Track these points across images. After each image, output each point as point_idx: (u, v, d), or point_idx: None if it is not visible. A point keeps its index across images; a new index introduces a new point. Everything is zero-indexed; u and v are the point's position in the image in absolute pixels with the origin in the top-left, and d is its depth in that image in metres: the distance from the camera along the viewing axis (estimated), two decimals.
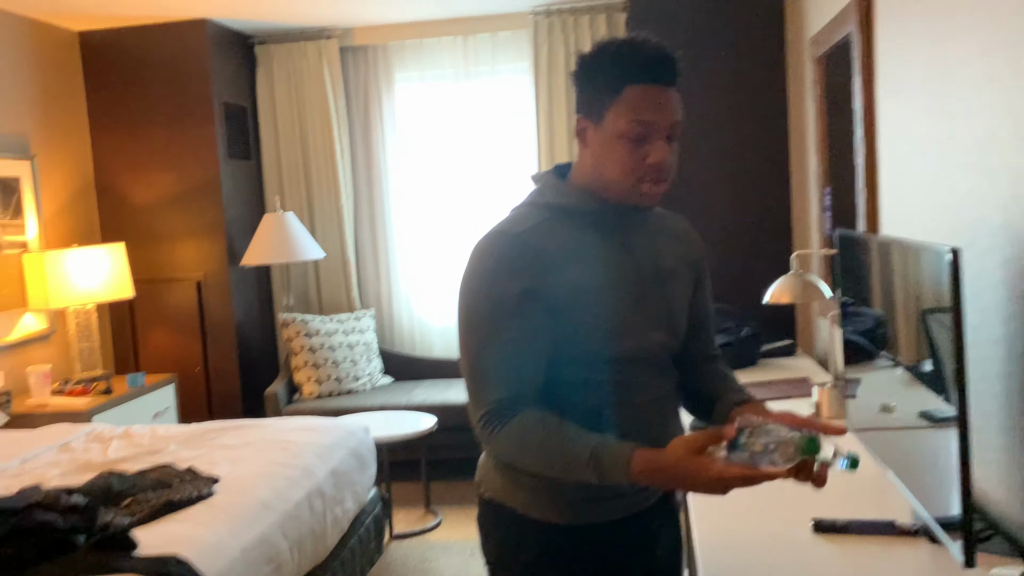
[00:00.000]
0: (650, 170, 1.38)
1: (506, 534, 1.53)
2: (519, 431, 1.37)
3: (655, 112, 1.36)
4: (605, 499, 1.48)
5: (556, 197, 1.46)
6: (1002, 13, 1.66)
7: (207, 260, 4.76)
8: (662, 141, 1.38)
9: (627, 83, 1.36)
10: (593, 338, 1.41)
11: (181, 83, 4.67)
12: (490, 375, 1.38)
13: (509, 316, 1.36)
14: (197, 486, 2.44)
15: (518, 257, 1.37)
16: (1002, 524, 1.76)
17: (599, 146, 1.41)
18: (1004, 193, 1.68)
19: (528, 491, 1.48)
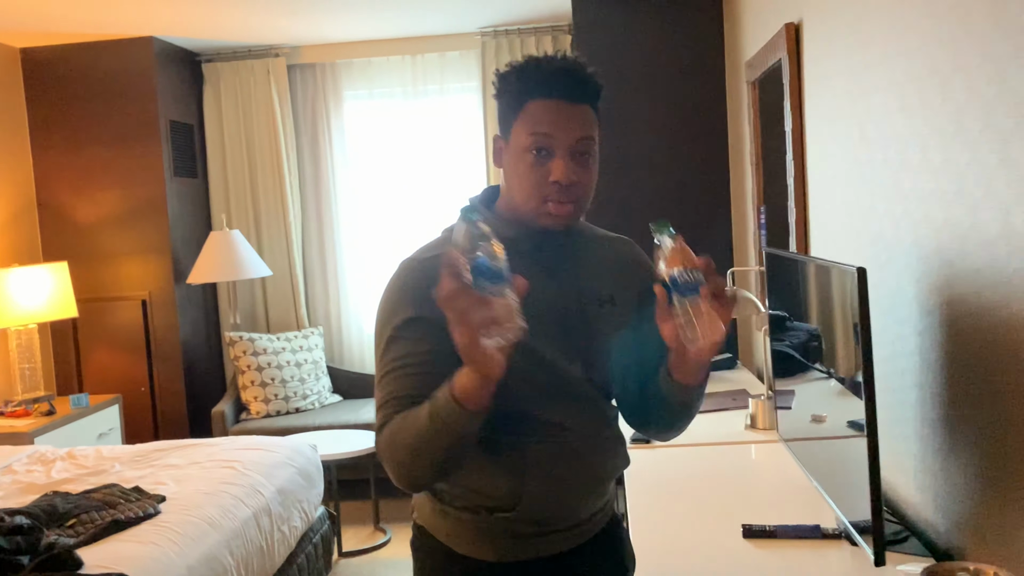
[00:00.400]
0: (553, 189, 1.32)
1: (432, 563, 1.47)
2: (387, 434, 1.29)
3: (555, 126, 1.31)
4: (532, 536, 1.42)
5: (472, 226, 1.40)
6: (912, 47, 1.77)
7: (153, 278, 4.73)
8: (566, 158, 1.32)
9: (529, 98, 1.33)
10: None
11: (126, 100, 4.65)
12: (382, 399, 1.33)
13: (395, 343, 1.32)
14: (143, 505, 2.44)
15: (413, 285, 1.34)
16: (917, 526, 1.87)
17: (508, 165, 1.37)
18: (915, 215, 1.80)
19: (453, 522, 1.43)
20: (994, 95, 1.41)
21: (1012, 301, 1.38)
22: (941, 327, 1.69)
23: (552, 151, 1.32)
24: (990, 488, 1.51)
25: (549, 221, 1.35)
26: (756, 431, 2.72)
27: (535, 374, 1.36)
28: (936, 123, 1.66)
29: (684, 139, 4.32)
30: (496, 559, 1.41)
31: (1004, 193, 1.39)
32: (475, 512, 1.40)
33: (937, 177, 1.66)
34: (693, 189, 4.32)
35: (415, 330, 1.32)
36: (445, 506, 1.43)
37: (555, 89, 1.32)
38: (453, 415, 1.19)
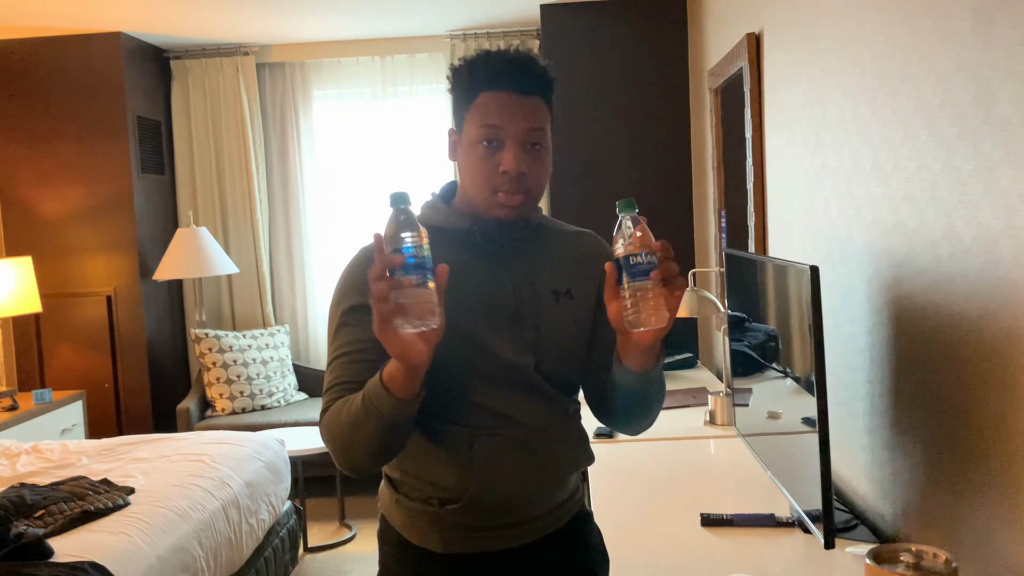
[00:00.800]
0: (503, 179, 1.33)
1: (389, 552, 1.49)
2: (328, 417, 1.32)
3: (504, 118, 1.32)
4: (482, 529, 1.41)
5: (430, 214, 1.45)
6: (864, 59, 1.87)
7: (118, 275, 4.71)
8: (515, 149, 1.32)
9: (480, 90, 1.34)
10: (453, 359, 1.32)
11: (93, 96, 4.63)
12: (329, 383, 1.36)
13: (342, 329, 1.35)
14: (112, 497, 2.46)
15: (360, 272, 1.34)
16: (865, 514, 1.96)
17: (461, 157, 1.38)
18: (866, 217, 1.89)
19: (406, 512, 1.43)
20: (938, 105, 1.50)
21: (954, 299, 1.48)
22: (889, 324, 1.78)
23: (502, 142, 1.33)
24: (933, 477, 1.60)
25: (501, 212, 1.36)
26: (715, 427, 2.81)
27: (484, 365, 1.36)
28: (886, 131, 1.75)
29: (648, 144, 4.42)
30: (444, 551, 1.41)
31: (947, 197, 1.48)
32: (427, 503, 1.40)
33: (887, 182, 1.75)
34: (656, 193, 4.41)
35: (361, 317, 1.32)
36: (400, 496, 1.44)
37: (505, 81, 1.33)
38: (382, 400, 1.21)
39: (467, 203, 1.42)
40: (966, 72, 1.40)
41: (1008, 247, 1.29)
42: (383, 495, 1.52)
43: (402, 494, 1.44)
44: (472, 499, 1.38)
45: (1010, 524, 1.33)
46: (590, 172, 4.42)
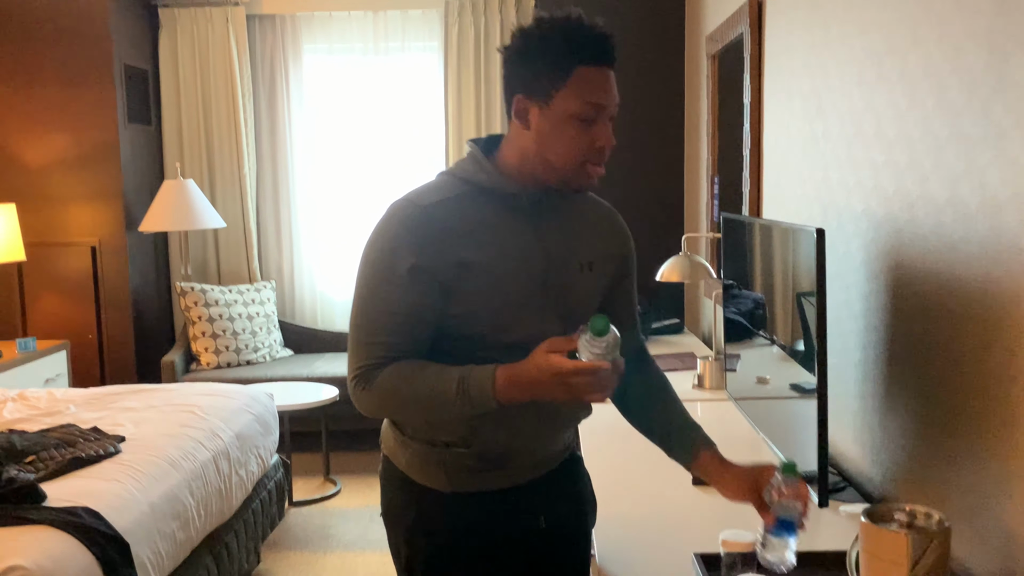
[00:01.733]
0: (596, 152, 1.37)
1: (393, 492, 1.55)
2: (387, 381, 1.35)
3: (605, 95, 1.35)
4: (486, 470, 1.47)
5: (475, 172, 1.42)
6: (871, 25, 1.87)
7: (103, 225, 4.66)
8: (608, 124, 1.38)
9: (578, 63, 1.33)
10: (485, 321, 1.38)
11: (80, 42, 4.54)
12: (367, 339, 1.37)
13: (395, 287, 1.35)
14: (103, 444, 2.46)
15: (419, 228, 1.35)
16: (854, 477, 2.00)
17: (546, 129, 1.36)
18: (867, 184, 1.90)
19: (411, 453, 1.48)
20: (948, 72, 1.50)
21: (955, 266, 1.50)
22: (887, 291, 1.80)
23: (598, 117, 1.36)
24: (926, 441, 1.64)
25: (586, 181, 1.39)
26: (703, 390, 2.84)
27: (508, 324, 1.40)
28: (891, 98, 1.76)
29: (642, 108, 4.41)
30: (450, 489, 1.47)
31: (954, 164, 1.49)
32: (432, 444, 1.46)
33: (891, 149, 1.76)
34: (649, 157, 4.41)
35: (417, 279, 1.34)
36: (406, 438, 1.49)
37: (602, 56, 1.36)
38: (484, 400, 1.32)
39: (523, 167, 1.41)
40: (979, 39, 1.40)
41: (1014, 213, 1.31)
42: (386, 436, 1.56)
43: (407, 436, 1.49)
44: (478, 445, 1.44)
45: (1002, 487, 1.36)
46: None
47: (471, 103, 4.91)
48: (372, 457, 4.71)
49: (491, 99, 4.92)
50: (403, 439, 1.50)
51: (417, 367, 1.36)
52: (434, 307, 1.36)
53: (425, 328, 1.38)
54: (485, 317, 1.38)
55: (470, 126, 4.93)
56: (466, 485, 1.47)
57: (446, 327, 1.39)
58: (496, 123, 4.92)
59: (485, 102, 4.91)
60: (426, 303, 1.35)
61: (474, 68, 4.89)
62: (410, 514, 1.51)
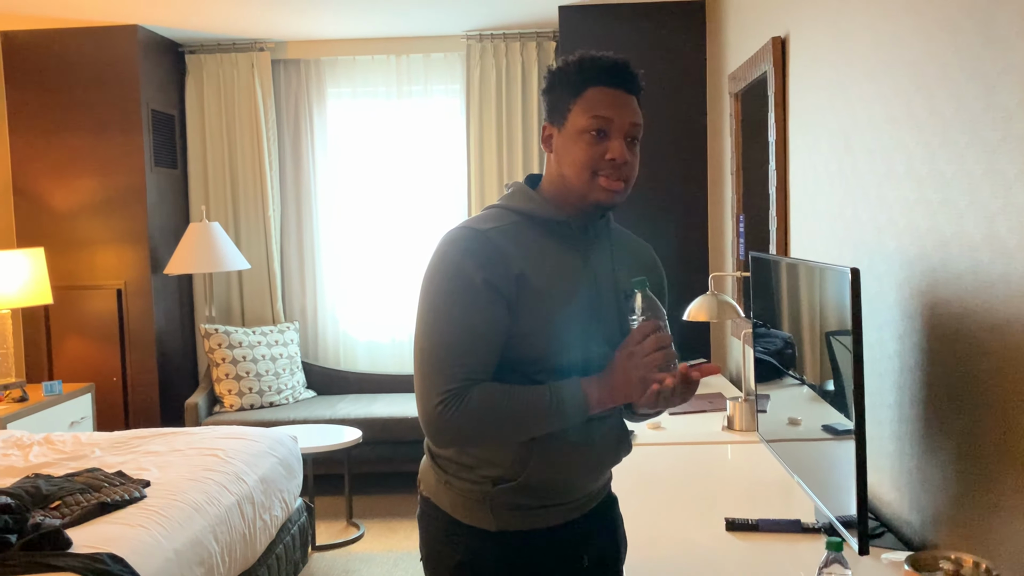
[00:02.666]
0: (607, 165, 1.42)
1: (436, 534, 1.54)
2: (480, 402, 1.37)
3: (613, 110, 1.42)
4: (532, 508, 1.49)
5: (525, 203, 1.49)
6: (899, 63, 1.85)
7: (129, 268, 4.70)
8: (620, 139, 1.43)
9: (589, 85, 1.44)
10: (540, 343, 1.43)
11: (108, 88, 4.63)
12: (451, 362, 1.37)
13: (472, 304, 1.37)
14: (128, 489, 2.45)
15: (482, 250, 1.39)
16: (892, 523, 1.95)
17: (562, 147, 1.46)
18: (899, 223, 1.88)
19: (456, 493, 1.50)
20: (981, 109, 1.49)
21: (995, 305, 1.46)
22: (922, 331, 1.76)
23: (608, 133, 1.43)
24: (967, 486, 1.59)
25: (602, 195, 1.44)
26: (733, 432, 2.79)
27: (562, 347, 1.45)
28: (922, 136, 1.74)
29: (665, 148, 4.41)
30: (496, 528, 1.48)
31: (989, 202, 1.47)
32: (478, 483, 1.48)
33: (922, 187, 1.74)
34: (673, 196, 4.40)
35: (489, 294, 1.39)
36: (449, 477, 1.51)
37: (613, 78, 1.45)
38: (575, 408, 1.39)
39: (558, 194, 1.49)
40: (1013, 76, 1.38)
41: None
42: (427, 477, 1.57)
43: (450, 475, 1.51)
44: (527, 479, 1.46)
45: None
46: None
47: (493, 145, 4.94)
48: (395, 500, 4.69)
49: (512, 141, 4.95)
50: (447, 479, 1.51)
51: (504, 387, 1.40)
52: (505, 324, 1.40)
53: (497, 349, 1.41)
54: (542, 339, 1.43)
55: (492, 168, 4.96)
56: (512, 524, 1.49)
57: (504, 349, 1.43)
58: (518, 164, 4.94)
59: (507, 144, 4.94)
60: (499, 319, 1.39)
61: (496, 110, 4.93)
62: (456, 555, 1.51)
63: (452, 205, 5.08)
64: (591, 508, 1.59)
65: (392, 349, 5.22)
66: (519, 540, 1.50)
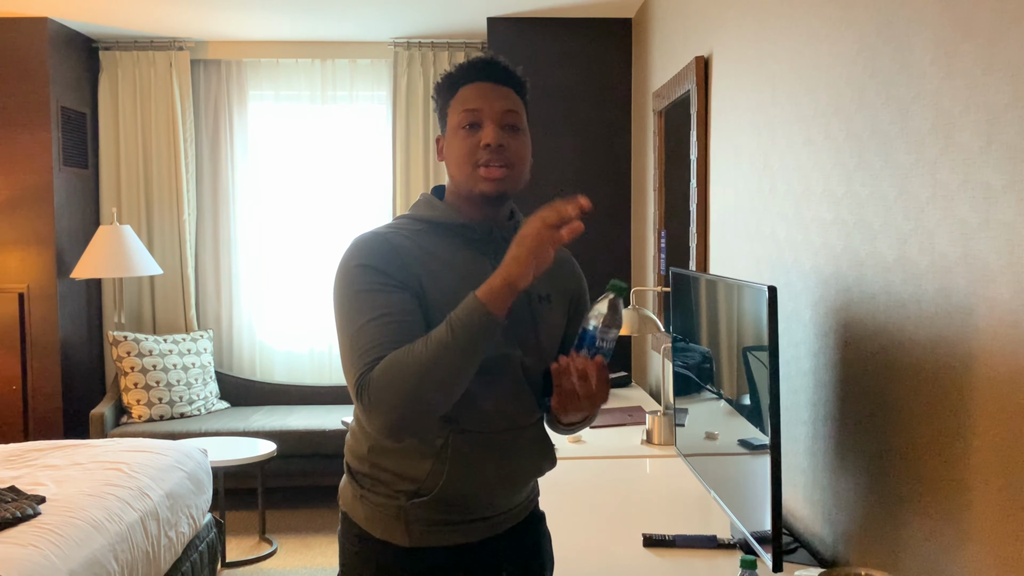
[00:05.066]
0: (485, 153, 1.44)
1: (352, 549, 1.51)
2: (386, 366, 1.32)
3: (482, 100, 1.45)
4: (447, 523, 1.46)
5: (428, 211, 1.50)
6: (818, 86, 1.89)
7: (33, 271, 4.48)
8: (492, 125, 1.44)
9: (460, 85, 1.49)
10: None
11: (14, 83, 4.41)
12: (362, 350, 1.35)
13: (377, 293, 1.37)
14: (20, 506, 2.31)
15: (380, 249, 1.41)
16: (805, 538, 1.97)
17: (446, 148, 1.50)
18: (815, 242, 1.91)
19: (371, 508, 1.47)
20: (896, 133, 1.52)
21: (906, 325, 1.49)
22: (836, 349, 1.79)
23: (481, 123, 1.45)
24: (878, 502, 1.61)
25: (484, 186, 1.44)
26: (652, 446, 2.80)
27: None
28: (839, 157, 1.77)
29: (589, 161, 4.43)
30: (410, 544, 1.45)
31: (902, 224, 1.50)
32: (392, 497, 1.45)
33: (838, 207, 1.77)
34: (597, 210, 4.43)
35: (394, 285, 1.38)
36: (364, 491, 1.48)
37: (480, 73, 1.48)
38: (477, 318, 1.30)
39: (457, 199, 1.51)
40: (926, 101, 1.42)
41: (964, 275, 1.31)
42: (344, 492, 1.55)
43: (366, 489, 1.48)
44: (442, 493, 1.43)
45: (955, 550, 1.34)
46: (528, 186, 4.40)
47: (419, 153, 4.90)
48: (310, 515, 4.57)
49: None
50: (362, 493, 1.48)
51: (406, 347, 1.33)
52: (413, 308, 1.38)
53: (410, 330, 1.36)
54: None
55: (418, 176, 4.91)
56: (427, 540, 1.46)
57: None
58: (444, 172, 4.90)
59: (433, 153, 4.90)
60: (405, 302, 1.38)
61: (422, 119, 4.89)
62: (368, 570, 1.48)
63: (375, 214, 5.01)
64: (513, 525, 1.55)
65: (311, 360, 5.10)
66: (435, 557, 1.46)
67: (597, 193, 4.43)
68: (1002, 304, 1.22)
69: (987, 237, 1.25)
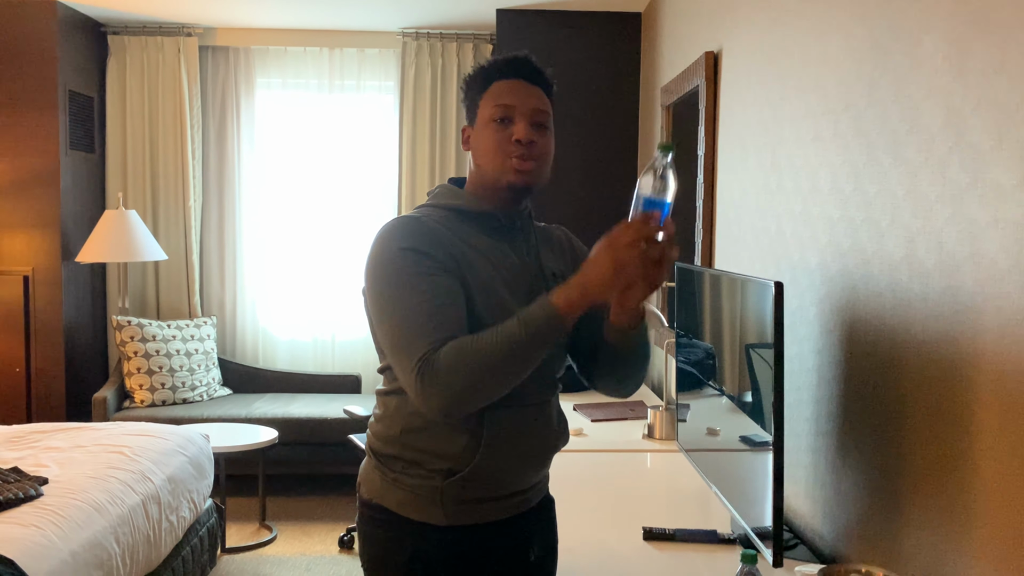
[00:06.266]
0: (516, 147, 1.49)
1: (382, 535, 1.54)
2: (452, 351, 1.35)
3: (515, 97, 1.51)
4: (480, 501, 1.52)
5: (452, 199, 1.56)
6: (828, 83, 1.89)
7: (38, 254, 4.49)
8: (524, 122, 1.50)
9: (493, 80, 1.54)
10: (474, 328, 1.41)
11: (23, 66, 4.41)
12: (419, 327, 1.37)
13: (423, 276, 1.41)
14: (23, 487, 2.32)
15: (419, 230, 1.46)
16: (805, 534, 1.97)
17: (475, 140, 1.55)
18: (821, 239, 1.91)
19: (405, 491, 1.50)
20: (906, 131, 1.51)
21: (912, 324, 1.49)
22: (841, 346, 1.79)
23: (513, 119, 1.50)
24: (879, 499, 1.61)
25: (514, 177, 1.50)
26: (653, 441, 2.80)
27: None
28: (847, 154, 1.77)
29: (599, 154, 4.43)
30: (447, 523, 1.50)
31: (910, 222, 1.49)
32: (428, 478, 1.49)
33: (846, 205, 1.77)
34: (602, 204, 4.43)
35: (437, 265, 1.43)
36: (397, 474, 1.52)
37: (515, 70, 1.54)
38: (550, 322, 1.35)
39: (480, 188, 1.56)
40: (937, 99, 1.41)
41: (971, 274, 1.30)
42: (370, 479, 1.57)
43: (398, 472, 1.52)
44: (475, 470, 1.48)
45: (958, 548, 1.34)
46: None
47: (426, 143, 4.89)
48: (310, 503, 4.58)
49: (446, 140, 4.91)
50: (394, 476, 1.51)
51: (474, 336, 1.37)
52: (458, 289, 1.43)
53: (461, 310, 1.41)
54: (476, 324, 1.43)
55: (424, 166, 4.90)
56: (462, 518, 1.51)
57: None
58: (450, 163, 4.90)
59: (440, 143, 4.90)
60: (451, 284, 1.42)
61: (429, 109, 4.88)
62: (405, 552, 1.51)
63: (382, 203, 5.01)
64: (534, 504, 1.63)
65: (314, 348, 5.11)
66: (470, 533, 1.53)
67: (604, 186, 4.43)
68: (1010, 303, 1.21)
69: (996, 236, 1.24)
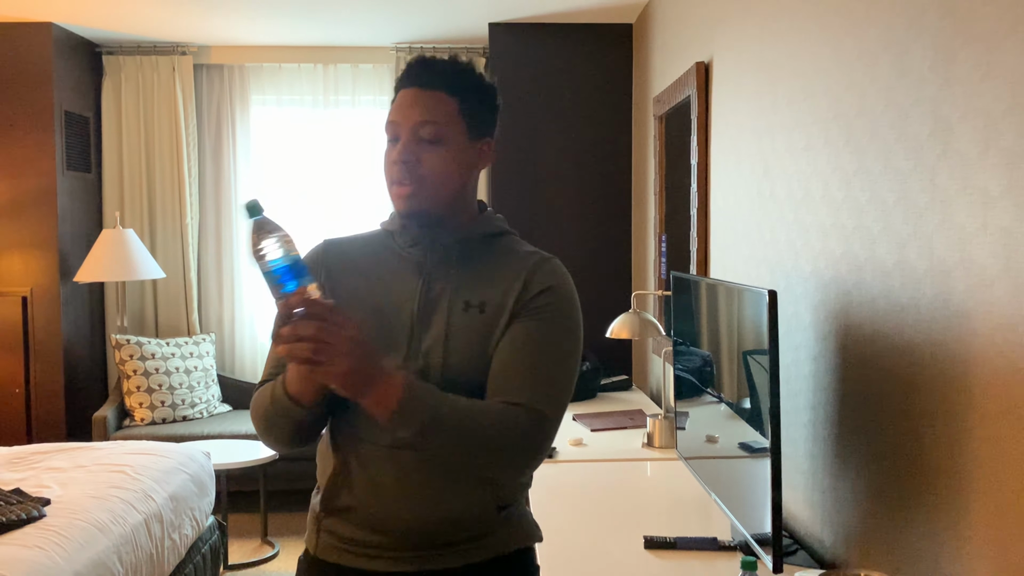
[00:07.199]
0: (396, 170, 1.33)
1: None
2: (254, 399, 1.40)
3: (399, 112, 1.34)
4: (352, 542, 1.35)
5: (385, 221, 1.47)
6: (817, 92, 1.91)
7: (36, 274, 4.50)
8: (405, 139, 1.32)
9: (396, 93, 1.39)
10: None
11: (19, 87, 4.43)
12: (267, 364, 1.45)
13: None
14: (25, 508, 2.32)
15: (310, 257, 1.44)
16: (805, 540, 1.98)
17: None
18: (815, 247, 1.92)
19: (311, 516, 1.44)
20: (895, 139, 1.54)
21: (904, 329, 1.51)
22: (836, 352, 1.81)
23: (398, 136, 1.34)
24: (878, 504, 1.63)
25: (399, 204, 1.35)
26: (653, 449, 2.81)
27: None
28: (839, 162, 1.79)
29: (590, 166, 4.45)
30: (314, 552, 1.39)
31: (901, 229, 1.51)
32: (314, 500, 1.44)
33: (838, 212, 1.79)
34: (598, 214, 4.45)
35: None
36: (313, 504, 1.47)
37: (408, 79, 1.36)
38: (283, 401, 1.31)
39: None
40: (924, 107, 1.43)
41: (962, 279, 1.32)
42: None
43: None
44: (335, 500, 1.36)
45: (956, 553, 1.36)
46: (531, 192, 4.42)
47: None
48: None
49: None
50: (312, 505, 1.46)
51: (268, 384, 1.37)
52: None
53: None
54: None
55: None
56: (328, 553, 1.37)
57: None
58: None
59: None
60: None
61: None
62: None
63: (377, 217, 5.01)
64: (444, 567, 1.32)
65: None
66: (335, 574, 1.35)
67: (598, 197, 4.45)
68: (999, 308, 1.23)
69: (985, 242, 1.26)
